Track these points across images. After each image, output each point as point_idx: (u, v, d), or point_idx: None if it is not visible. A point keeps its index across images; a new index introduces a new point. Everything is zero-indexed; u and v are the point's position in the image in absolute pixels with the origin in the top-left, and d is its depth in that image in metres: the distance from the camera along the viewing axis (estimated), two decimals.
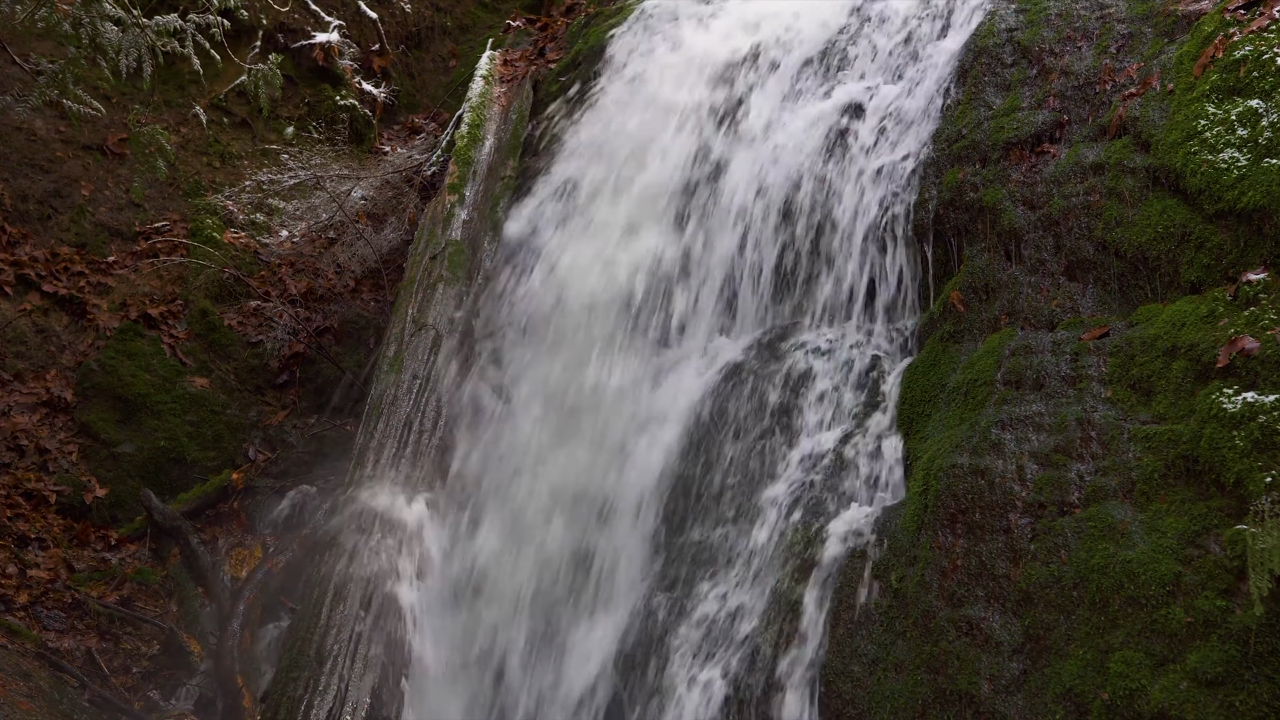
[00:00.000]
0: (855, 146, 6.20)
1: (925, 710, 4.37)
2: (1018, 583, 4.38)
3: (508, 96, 8.11)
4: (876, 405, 5.44)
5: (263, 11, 9.26)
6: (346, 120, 9.61)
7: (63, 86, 7.01)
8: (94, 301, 7.79)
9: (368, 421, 6.25)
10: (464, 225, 7.16)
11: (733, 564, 5.31)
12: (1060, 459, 4.53)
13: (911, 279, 5.74)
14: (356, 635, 5.30)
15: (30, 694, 5.58)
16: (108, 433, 7.35)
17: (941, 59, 6.22)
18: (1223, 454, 4.13)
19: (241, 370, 7.88)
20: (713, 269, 6.35)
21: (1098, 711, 4.04)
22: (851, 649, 4.63)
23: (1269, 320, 4.30)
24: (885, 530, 4.82)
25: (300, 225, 8.76)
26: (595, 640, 5.53)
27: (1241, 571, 3.95)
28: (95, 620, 6.44)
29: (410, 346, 6.50)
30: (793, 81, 6.79)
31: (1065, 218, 5.20)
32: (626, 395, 6.23)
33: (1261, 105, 4.78)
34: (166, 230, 8.34)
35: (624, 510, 5.83)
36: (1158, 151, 5.06)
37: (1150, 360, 4.59)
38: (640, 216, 6.71)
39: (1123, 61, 5.54)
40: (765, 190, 6.34)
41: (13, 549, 6.60)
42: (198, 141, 8.96)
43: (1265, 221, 4.58)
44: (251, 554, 7.01)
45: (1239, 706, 3.82)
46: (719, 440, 5.72)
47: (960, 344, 5.26)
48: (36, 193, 8.09)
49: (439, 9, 10.80)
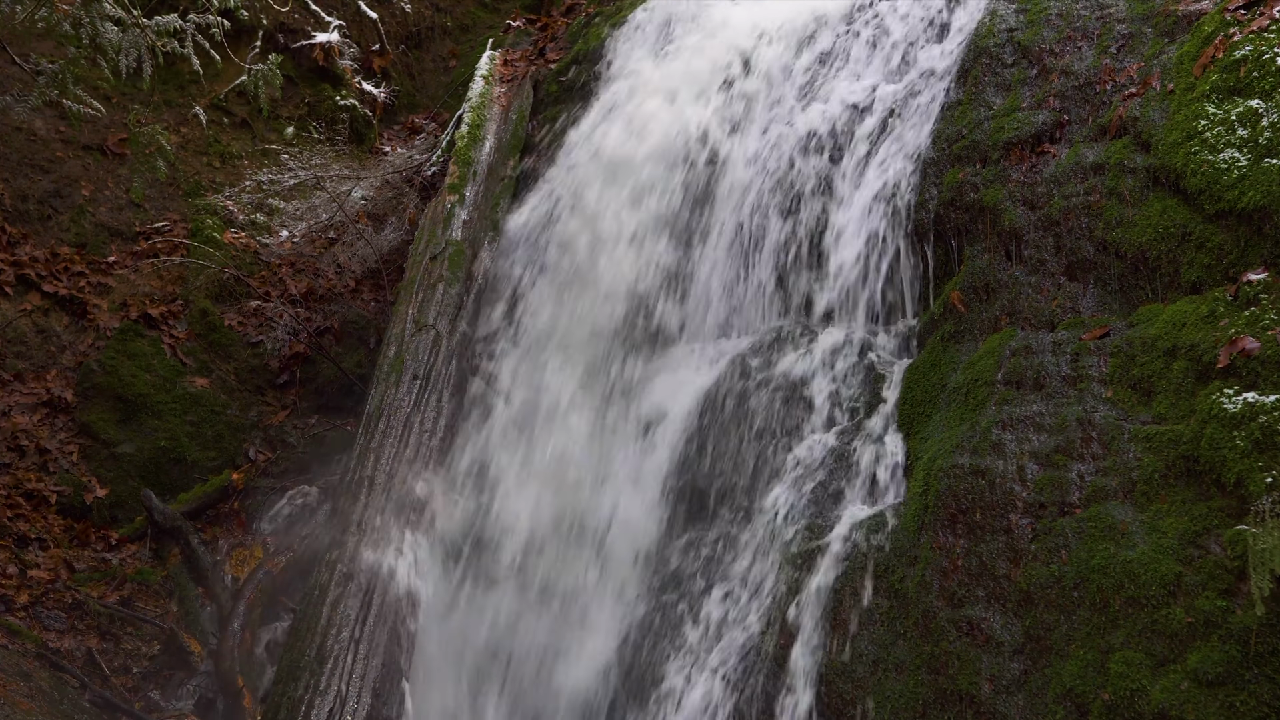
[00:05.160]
0: (855, 146, 6.20)
1: (926, 710, 4.37)
2: (1018, 583, 4.38)
3: (508, 96, 8.11)
4: (877, 405, 5.44)
5: (263, 11, 9.26)
6: (346, 120, 9.61)
7: (63, 86, 7.01)
8: (94, 301, 7.79)
9: (368, 422, 6.25)
10: (464, 225, 7.16)
11: (733, 563, 5.31)
12: (1061, 459, 4.53)
13: (912, 279, 5.73)
14: (357, 635, 5.31)
15: (31, 694, 5.58)
16: (108, 433, 7.35)
17: (941, 59, 6.22)
18: (1223, 454, 4.13)
19: (242, 370, 7.88)
20: (713, 269, 6.35)
21: (1098, 712, 4.04)
22: (852, 649, 4.63)
23: (1269, 320, 4.30)
24: (886, 530, 4.82)
25: (300, 225, 8.76)
26: (596, 640, 5.54)
27: (1242, 572, 3.95)
28: (95, 620, 6.44)
29: (410, 347, 6.50)
30: (793, 81, 6.79)
31: (1065, 218, 5.20)
32: (626, 396, 6.24)
33: (1262, 105, 4.78)
34: (167, 230, 8.34)
35: (623, 512, 5.84)
36: (1158, 151, 5.06)
37: (1151, 360, 4.59)
38: (640, 218, 6.70)
39: (1123, 61, 5.54)
40: (764, 192, 6.34)
41: (13, 549, 6.60)
42: (198, 141, 8.96)
43: (1265, 221, 4.58)
44: (252, 554, 7.01)
45: (1239, 707, 3.82)
46: (719, 440, 5.72)
47: (961, 344, 5.26)
48: (36, 193, 8.09)
49: (439, 9, 10.80)
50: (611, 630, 5.52)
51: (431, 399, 6.32)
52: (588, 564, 5.85)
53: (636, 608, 5.51)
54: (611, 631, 5.51)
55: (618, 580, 5.72)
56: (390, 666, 5.32)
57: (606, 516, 5.91)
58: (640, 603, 5.51)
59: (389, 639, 5.39)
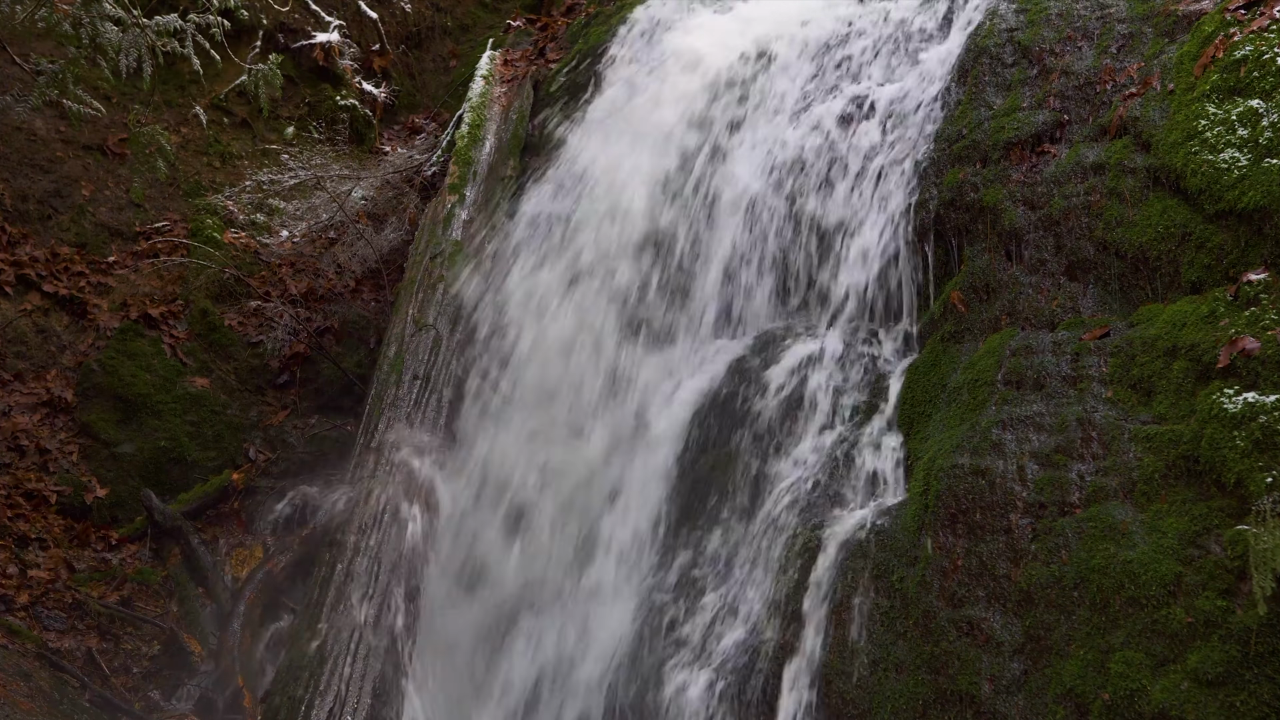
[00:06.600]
0: (856, 147, 6.20)
1: (926, 710, 4.37)
2: (1018, 583, 4.38)
3: (508, 96, 8.11)
4: (877, 405, 5.44)
5: (263, 11, 9.26)
6: (347, 120, 9.61)
7: (63, 86, 7.01)
8: (94, 301, 7.78)
9: (368, 422, 6.25)
10: (464, 225, 7.16)
11: (734, 563, 5.31)
12: (1061, 459, 4.53)
13: (912, 279, 5.73)
14: (357, 635, 5.31)
15: (31, 694, 5.58)
16: (108, 433, 7.35)
17: (942, 59, 6.22)
18: (1223, 454, 4.13)
19: (242, 370, 7.88)
20: (713, 270, 6.35)
21: (1098, 712, 4.04)
22: (852, 649, 4.63)
23: (1269, 320, 4.30)
24: (886, 530, 4.82)
25: (300, 225, 8.76)
26: (597, 640, 5.53)
27: (1242, 572, 3.95)
28: (96, 620, 6.44)
29: (411, 347, 6.50)
30: (793, 82, 6.79)
31: (1066, 218, 5.20)
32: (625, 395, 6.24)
33: (1262, 105, 4.78)
34: (167, 230, 8.34)
35: (626, 512, 5.83)
36: (1158, 151, 5.06)
37: (1151, 360, 4.59)
38: (641, 221, 6.71)
39: (1123, 61, 5.54)
40: (764, 191, 6.34)
41: (13, 549, 6.60)
42: (198, 141, 8.96)
43: (1266, 221, 4.58)
44: (252, 554, 7.01)
45: (1240, 707, 3.83)
46: (720, 440, 5.71)
47: (961, 344, 5.26)
48: (36, 193, 8.09)
49: (439, 9, 10.80)
50: (612, 630, 5.52)
51: (432, 399, 6.32)
52: (588, 562, 5.85)
53: (637, 608, 5.50)
54: (611, 633, 5.51)
55: (618, 580, 5.71)
56: (390, 667, 5.32)
57: (607, 517, 5.91)
58: (640, 603, 5.51)
59: (389, 639, 5.39)
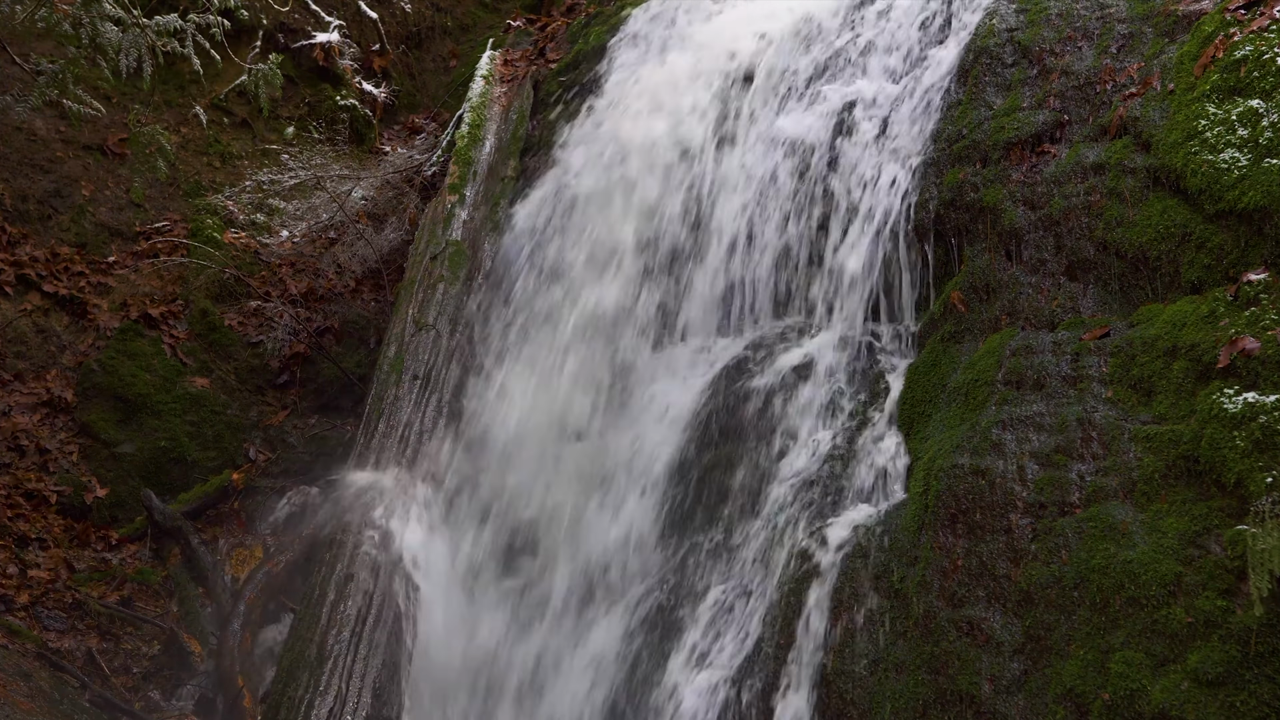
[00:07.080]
0: (856, 147, 6.20)
1: (926, 710, 4.37)
2: (1018, 583, 4.38)
3: (508, 96, 8.11)
4: (877, 405, 5.44)
5: (263, 11, 9.26)
6: (347, 120, 9.61)
7: (63, 86, 7.01)
8: (94, 301, 7.79)
9: (368, 422, 6.25)
10: (464, 225, 7.16)
11: (733, 564, 5.31)
12: (1061, 459, 4.53)
13: (912, 279, 5.73)
14: (357, 635, 5.31)
15: (31, 694, 5.58)
16: (108, 433, 7.35)
17: (942, 59, 6.21)
18: (1223, 454, 4.13)
19: (242, 370, 7.88)
20: (712, 270, 6.34)
21: (1098, 712, 4.04)
22: (852, 649, 4.62)
23: (1270, 320, 4.30)
24: (886, 530, 4.82)
25: (301, 225, 8.76)
26: (597, 641, 5.53)
27: (1242, 572, 3.95)
28: (96, 620, 6.44)
29: (411, 347, 6.50)
30: (793, 81, 6.79)
31: (1066, 218, 5.20)
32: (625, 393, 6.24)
33: (1262, 105, 4.78)
34: (167, 230, 8.34)
35: (625, 512, 5.83)
36: (1158, 151, 5.06)
37: (1151, 360, 4.59)
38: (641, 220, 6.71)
39: (1123, 61, 5.54)
40: (764, 191, 6.34)
41: (13, 549, 6.60)
42: (198, 141, 8.96)
43: (1266, 221, 4.58)
44: (252, 554, 7.01)
45: (1239, 707, 3.82)
46: (719, 440, 5.71)
47: (961, 344, 5.26)
48: (36, 193, 8.09)
49: (439, 9, 10.80)
50: (613, 630, 5.51)
51: (432, 399, 6.32)
52: (587, 561, 5.85)
53: (637, 608, 5.50)
54: (612, 633, 5.51)
55: (619, 580, 5.71)
56: (391, 666, 5.32)
57: (607, 516, 5.91)
58: (640, 603, 5.51)
59: (389, 638, 5.39)
